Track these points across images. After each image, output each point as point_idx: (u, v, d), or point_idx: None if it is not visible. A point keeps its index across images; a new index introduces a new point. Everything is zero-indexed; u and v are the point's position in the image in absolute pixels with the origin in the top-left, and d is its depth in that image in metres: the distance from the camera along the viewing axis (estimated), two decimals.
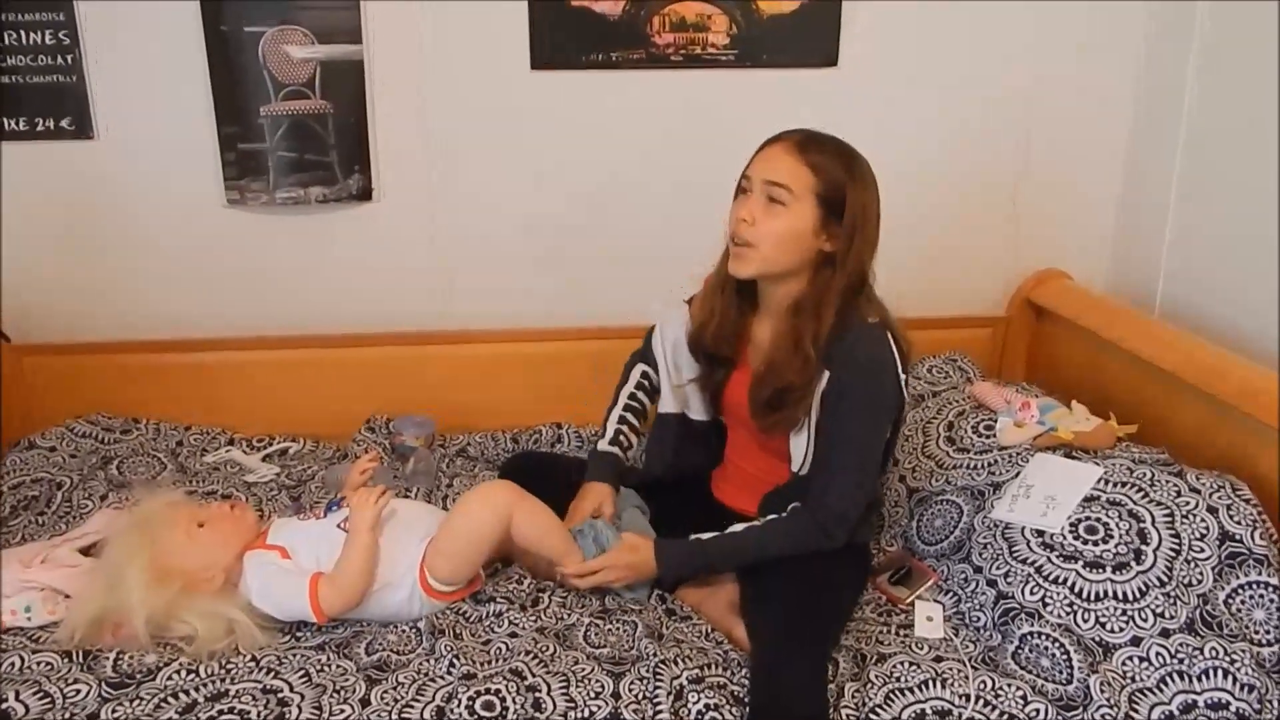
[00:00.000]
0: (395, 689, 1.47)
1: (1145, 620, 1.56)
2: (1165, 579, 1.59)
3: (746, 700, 1.49)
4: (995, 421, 1.99)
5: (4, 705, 1.41)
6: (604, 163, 2.37)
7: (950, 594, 1.76)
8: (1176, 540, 1.63)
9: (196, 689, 1.46)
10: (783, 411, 1.67)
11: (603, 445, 1.90)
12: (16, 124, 2.22)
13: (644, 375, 1.94)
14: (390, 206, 2.37)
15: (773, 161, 1.63)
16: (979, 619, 1.68)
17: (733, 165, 1.70)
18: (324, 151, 2.30)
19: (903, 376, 1.67)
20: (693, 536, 1.70)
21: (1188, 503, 1.67)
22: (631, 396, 1.94)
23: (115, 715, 1.41)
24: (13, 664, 1.52)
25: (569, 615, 1.66)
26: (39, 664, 1.52)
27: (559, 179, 2.38)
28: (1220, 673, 1.50)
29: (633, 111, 2.34)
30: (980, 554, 1.75)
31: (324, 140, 2.29)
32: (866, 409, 1.65)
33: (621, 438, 1.91)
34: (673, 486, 1.90)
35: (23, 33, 2.17)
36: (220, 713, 1.42)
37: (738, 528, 1.70)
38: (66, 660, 1.53)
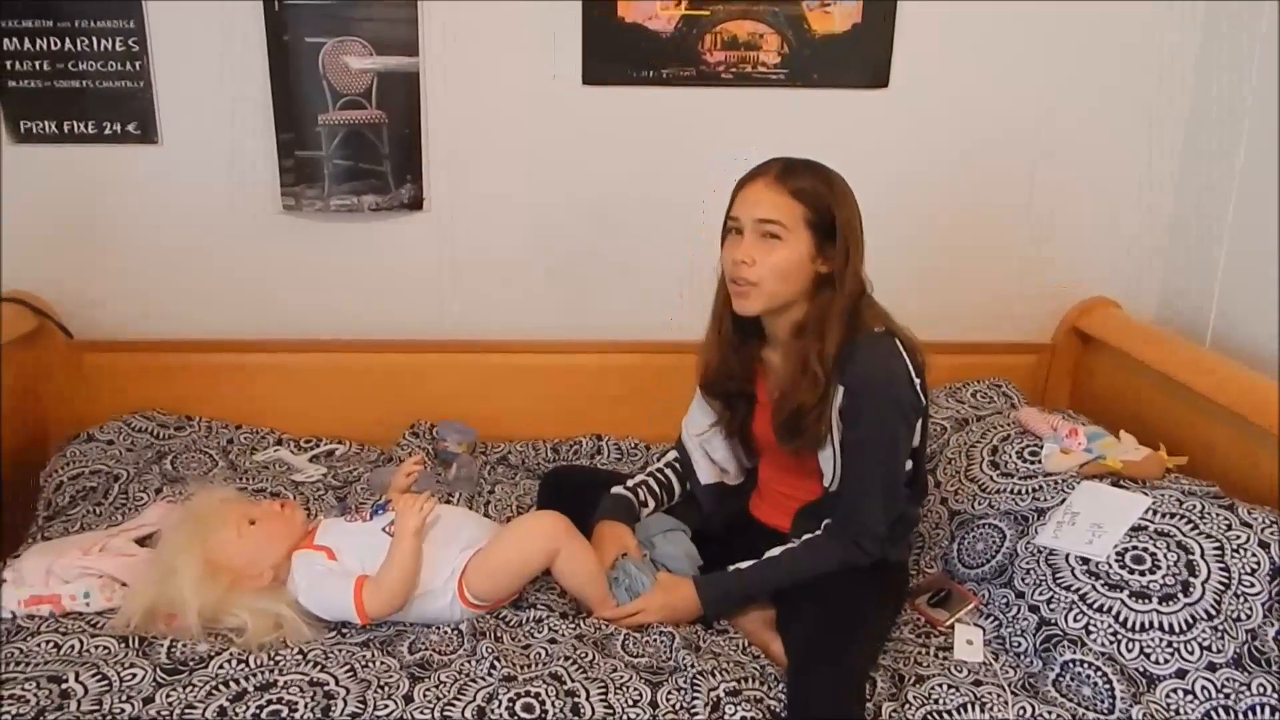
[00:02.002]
0: (437, 687, 1.49)
1: (1191, 653, 1.55)
2: (1213, 612, 1.57)
3: (784, 715, 1.50)
4: (1040, 447, 1.98)
5: (64, 685, 1.45)
6: (652, 178, 2.40)
7: (991, 618, 1.75)
8: (1226, 574, 1.61)
9: (246, 678, 1.49)
10: (803, 433, 1.68)
11: (617, 490, 1.91)
12: (85, 127, 2.29)
13: (675, 459, 1.96)
14: (440, 216, 2.41)
15: (759, 199, 1.64)
16: (1020, 644, 1.67)
17: None
18: (378, 161, 2.34)
19: (917, 380, 1.67)
20: (731, 568, 1.72)
21: (1238, 536, 1.65)
22: (660, 470, 1.96)
23: (170, 700, 1.44)
24: (73, 646, 1.56)
25: (607, 625, 1.67)
26: (97, 648, 1.56)
27: (607, 192, 2.41)
28: (1267, 709, 1.48)
29: (682, 128, 2.36)
30: (1023, 579, 1.74)
31: (378, 150, 2.34)
32: (884, 419, 1.65)
33: (640, 490, 1.92)
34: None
35: (94, 39, 2.24)
36: (269, 702, 1.44)
37: (774, 552, 1.71)
38: (123, 645, 1.57)
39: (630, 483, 1.92)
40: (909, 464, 1.73)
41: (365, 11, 2.24)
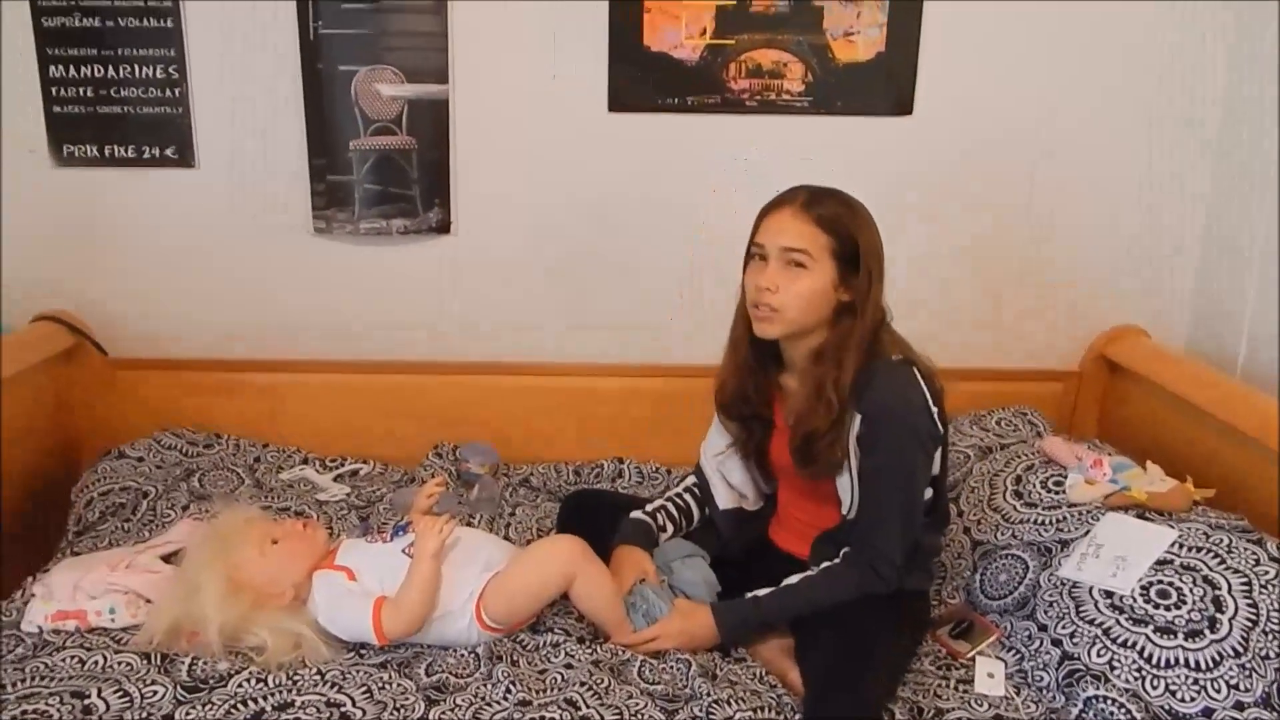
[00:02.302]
0: (453, 711, 1.49)
1: (1218, 691, 1.51)
2: (1241, 649, 1.54)
3: None
4: (1065, 477, 1.96)
5: (87, 701, 1.47)
6: (676, 204, 2.41)
7: (1013, 651, 1.73)
8: (1254, 610, 1.57)
9: (265, 697, 1.50)
10: (817, 459, 1.68)
11: (636, 514, 1.91)
12: (124, 151, 2.35)
13: (694, 484, 1.97)
14: (467, 240, 2.44)
15: (785, 227, 1.64)
16: (1042, 679, 1.65)
17: None
18: (407, 185, 2.38)
19: (934, 408, 1.66)
20: (749, 595, 1.71)
21: (1266, 572, 1.61)
22: (678, 495, 1.96)
23: (189, 717, 1.46)
24: (96, 662, 1.59)
25: (624, 651, 1.67)
26: (120, 664, 1.59)
27: (632, 218, 2.42)
28: None
29: (706, 155, 2.38)
30: (1046, 612, 1.72)
31: (407, 174, 2.37)
32: (901, 447, 1.65)
33: (659, 515, 1.91)
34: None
35: (136, 66, 2.31)
36: None
37: (792, 580, 1.70)
38: (146, 662, 1.59)
39: (649, 507, 1.92)
40: (929, 492, 1.72)
41: (397, 41, 2.29)
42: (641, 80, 2.32)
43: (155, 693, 1.51)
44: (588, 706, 1.50)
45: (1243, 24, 2.28)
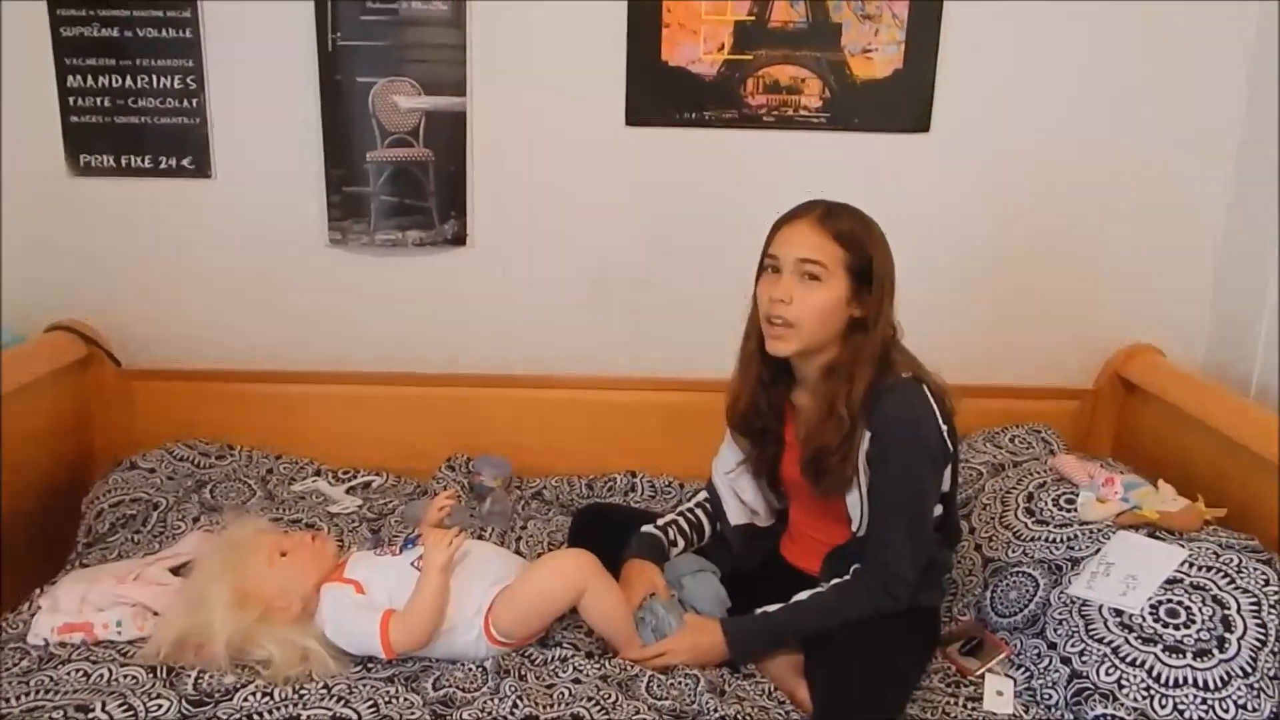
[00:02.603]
0: None
1: (1226, 711, 1.51)
2: (1249, 669, 1.53)
3: None
4: (1077, 495, 1.95)
5: (91, 715, 1.46)
6: (691, 219, 2.42)
7: (1022, 669, 1.72)
8: (1263, 630, 1.57)
9: (270, 712, 1.50)
10: (827, 474, 1.68)
11: (647, 529, 1.91)
12: (142, 161, 2.37)
13: (706, 499, 1.96)
14: (483, 252, 2.44)
15: (801, 239, 1.65)
16: (1050, 697, 1.64)
17: None
18: (423, 197, 2.40)
19: (944, 426, 1.66)
20: (759, 611, 1.71)
21: (1276, 592, 1.61)
22: (690, 510, 1.96)
23: None
24: (101, 675, 1.59)
25: (632, 666, 1.66)
26: (125, 677, 1.59)
27: (646, 232, 2.43)
28: None
29: (722, 170, 2.38)
30: (1055, 630, 1.71)
31: (424, 186, 2.39)
32: (911, 465, 1.65)
33: (670, 530, 1.91)
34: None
35: (154, 77, 2.33)
36: None
37: (802, 596, 1.70)
38: (151, 675, 1.59)
39: (660, 522, 1.92)
40: (940, 509, 1.72)
41: (416, 53, 2.31)
42: (659, 95, 2.33)
43: (160, 707, 1.50)
44: None
45: (1263, 43, 2.27)
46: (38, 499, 2.18)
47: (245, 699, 1.53)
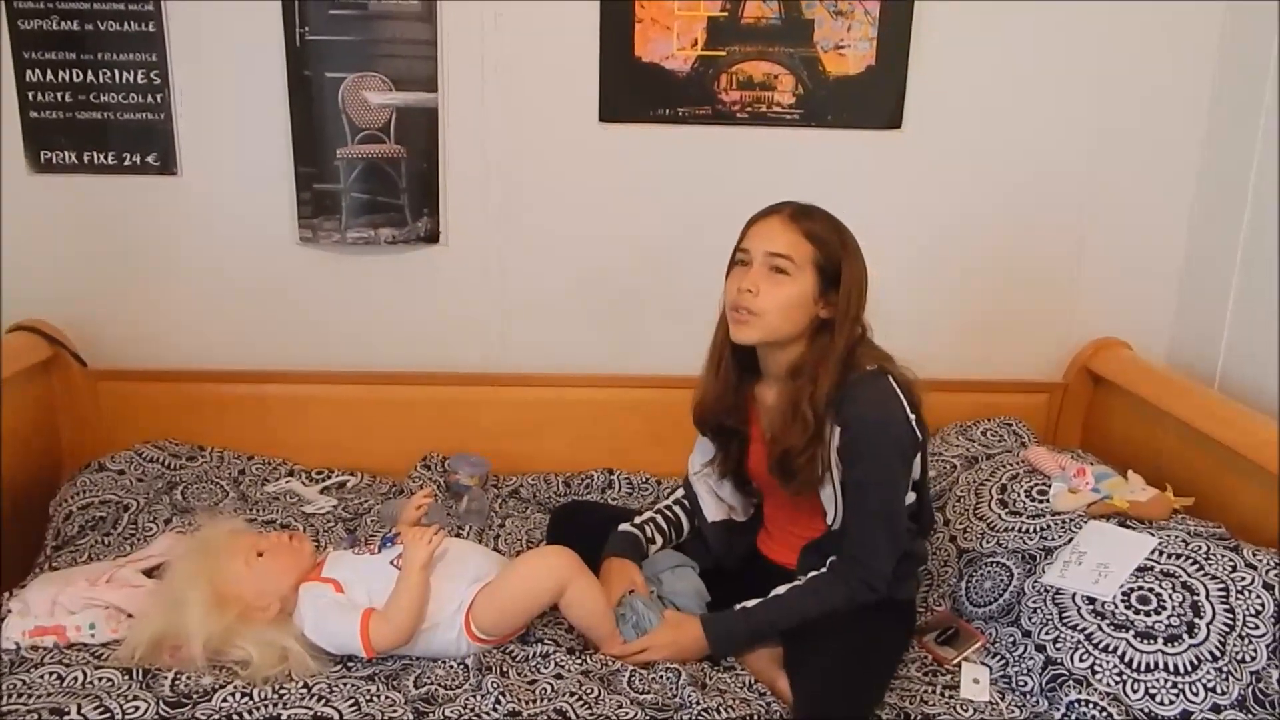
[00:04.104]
0: None
1: (1196, 694, 1.54)
2: (1218, 654, 1.57)
3: None
4: (1049, 486, 1.98)
5: (66, 717, 1.44)
6: (665, 215, 2.42)
7: (997, 657, 1.75)
8: (1231, 615, 1.60)
9: (250, 712, 1.49)
10: (796, 474, 1.69)
11: (624, 527, 1.91)
12: (105, 158, 2.33)
13: (684, 496, 1.97)
14: (456, 250, 2.43)
15: (772, 234, 1.67)
16: (1026, 684, 1.67)
17: None
18: (395, 194, 2.37)
19: (912, 416, 1.68)
20: (738, 606, 1.71)
21: (1243, 578, 1.64)
22: (668, 507, 1.97)
23: None
24: (75, 678, 1.56)
25: (614, 661, 1.67)
26: (101, 679, 1.56)
27: (620, 229, 2.43)
28: None
29: (696, 166, 2.39)
30: (1030, 618, 1.74)
31: (396, 184, 2.37)
32: (882, 458, 1.66)
33: (648, 527, 1.92)
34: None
35: (116, 71, 2.28)
36: None
37: (780, 590, 1.71)
38: (127, 677, 1.56)
39: (638, 519, 1.93)
40: (912, 495, 1.74)
41: (386, 48, 2.28)
42: (633, 91, 2.33)
43: (137, 709, 1.48)
44: (578, 716, 1.50)
45: (1228, 35, 2.32)
46: (3, 502, 2.13)
47: (224, 699, 1.51)
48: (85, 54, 2.27)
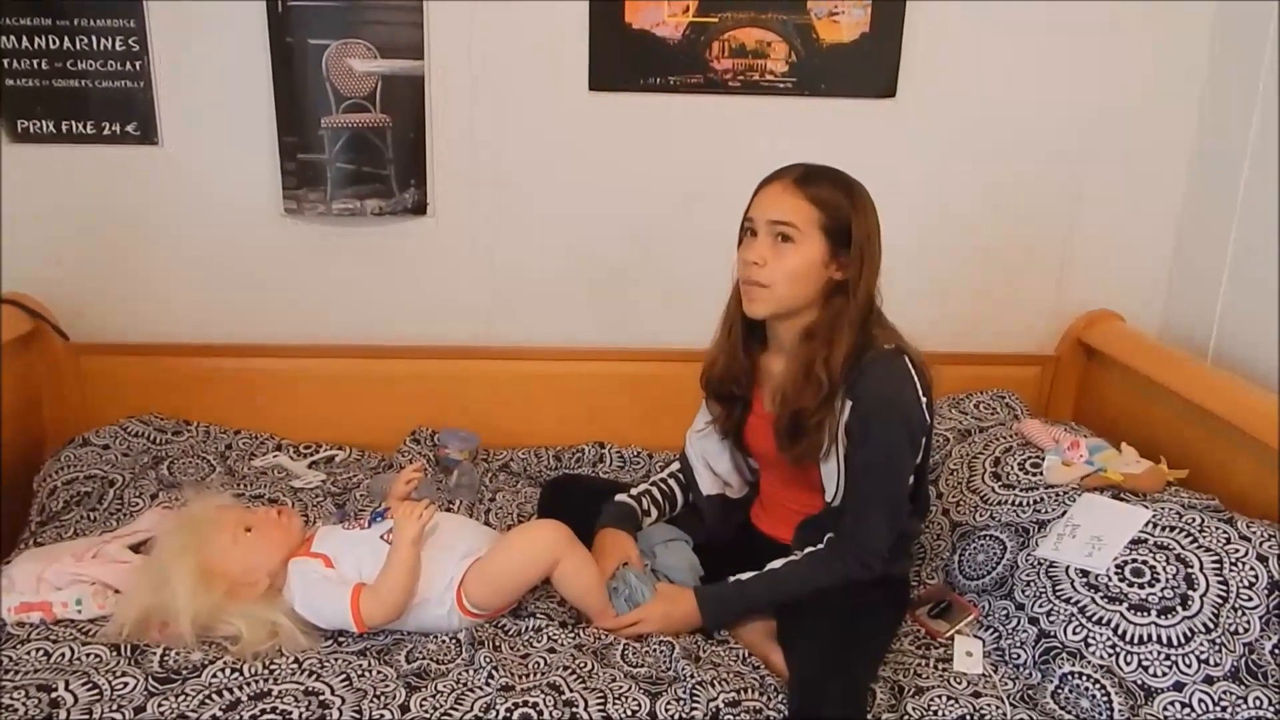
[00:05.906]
0: (434, 697, 1.48)
1: (1189, 666, 1.54)
2: (1211, 625, 1.57)
3: None
4: (1042, 459, 1.98)
5: (54, 694, 1.43)
6: (655, 185, 2.39)
7: (991, 630, 1.75)
8: (1224, 587, 1.60)
9: (240, 687, 1.48)
10: (804, 439, 1.67)
11: (620, 498, 1.90)
12: (84, 127, 2.28)
13: (678, 470, 1.96)
14: (444, 222, 2.40)
15: (775, 201, 1.64)
16: (1019, 656, 1.67)
17: None
18: (381, 165, 2.34)
19: (924, 400, 1.66)
20: (732, 579, 1.71)
21: (1237, 550, 1.64)
22: (663, 480, 1.96)
23: (161, 709, 1.43)
24: (63, 654, 1.55)
25: (607, 634, 1.66)
26: (88, 656, 1.55)
27: (610, 198, 2.40)
28: None
29: (687, 135, 2.36)
30: (1023, 591, 1.74)
31: (382, 154, 2.33)
32: (891, 439, 1.65)
33: (644, 499, 1.91)
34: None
35: (94, 38, 2.23)
36: (263, 711, 1.43)
37: (776, 564, 1.70)
38: (115, 654, 1.55)
39: (634, 491, 1.91)
40: (912, 479, 1.73)
41: (370, 14, 2.24)
42: (623, 59, 2.29)
43: (126, 684, 1.48)
44: (571, 690, 1.50)
45: (1222, 12, 2.30)
46: None
47: (214, 675, 1.51)
48: (61, 20, 2.21)
